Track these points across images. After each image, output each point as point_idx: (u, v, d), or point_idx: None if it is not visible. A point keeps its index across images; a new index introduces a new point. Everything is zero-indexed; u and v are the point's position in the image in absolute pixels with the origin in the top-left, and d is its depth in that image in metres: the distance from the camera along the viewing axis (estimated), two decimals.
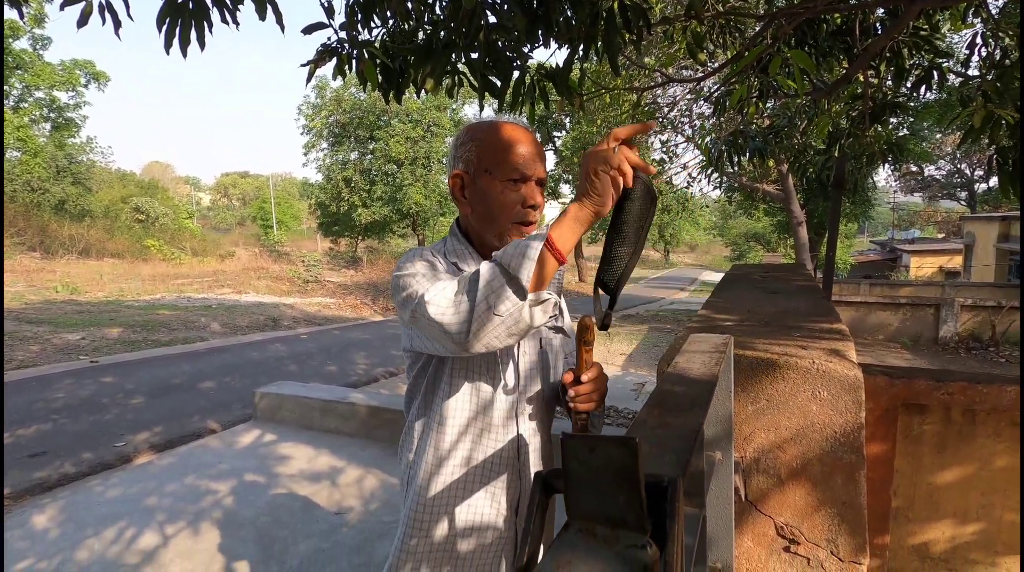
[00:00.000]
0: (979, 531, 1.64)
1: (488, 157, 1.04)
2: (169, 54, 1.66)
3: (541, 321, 0.81)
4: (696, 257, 54.80)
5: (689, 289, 24.15)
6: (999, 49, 2.71)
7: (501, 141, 1.04)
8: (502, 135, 1.05)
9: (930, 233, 39.25)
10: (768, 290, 1.80)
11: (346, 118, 20.35)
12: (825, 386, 0.81)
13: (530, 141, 1.06)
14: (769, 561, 0.86)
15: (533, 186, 1.06)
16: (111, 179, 29.91)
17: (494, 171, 1.04)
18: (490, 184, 1.04)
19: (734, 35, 2.86)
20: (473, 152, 1.05)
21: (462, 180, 1.07)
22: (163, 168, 60.83)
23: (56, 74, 21.25)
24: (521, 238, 0.89)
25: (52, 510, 3.04)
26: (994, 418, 1.58)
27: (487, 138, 1.05)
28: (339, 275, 20.35)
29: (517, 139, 1.04)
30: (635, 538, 0.29)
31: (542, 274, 0.79)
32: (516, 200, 1.04)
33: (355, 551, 2.65)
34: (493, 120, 1.08)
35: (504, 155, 1.03)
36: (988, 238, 16.57)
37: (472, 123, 1.09)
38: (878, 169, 5.14)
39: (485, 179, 1.04)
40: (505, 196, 1.03)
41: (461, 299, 0.82)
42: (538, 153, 1.06)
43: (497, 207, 1.04)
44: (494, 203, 1.04)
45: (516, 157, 1.03)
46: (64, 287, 13.37)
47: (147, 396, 5.42)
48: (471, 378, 1.05)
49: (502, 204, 1.04)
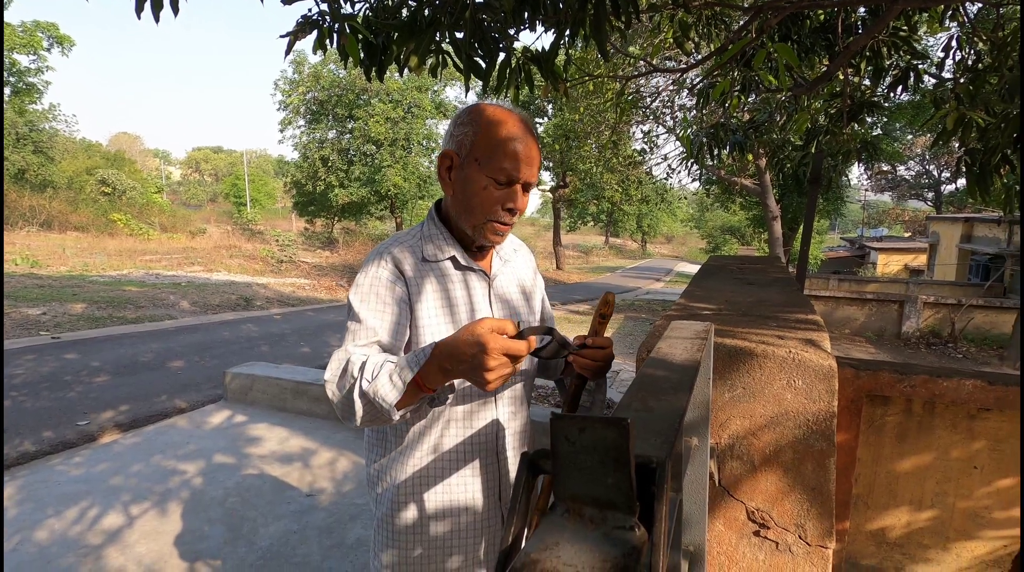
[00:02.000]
0: (933, 518, 1.72)
1: (482, 148, 1.01)
2: (140, 19, 1.59)
3: (399, 417, 0.90)
4: (672, 248, 55.48)
5: (664, 279, 24.46)
6: (973, 53, 2.78)
7: (499, 136, 1.01)
8: (502, 130, 1.01)
9: (898, 231, 40.44)
10: (745, 281, 1.83)
11: (324, 95, 19.87)
12: (800, 375, 0.83)
13: (528, 144, 1.03)
14: (740, 545, 0.88)
15: (518, 189, 1.03)
16: (75, 149, 28.74)
17: (483, 164, 1.01)
18: (476, 175, 1.01)
19: (719, 27, 2.87)
20: (469, 137, 1.02)
21: (451, 161, 1.04)
22: (131, 140, 58.58)
23: (16, 36, 20.22)
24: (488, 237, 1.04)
25: (10, 488, 2.95)
26: (952, 411, 1.65)
27: (487, 128, 1.02)
28: (314, 256, 20.02)
29: (515, 138, 1.01)
30: (623, 519, 0.29)
31: (406, 400, 0.87)
32: (497, 199, 1.02)
33: (326, 532, 2.64)
34: (500, 109, 1.04)
35: (497, 152, 1.00)
36: (952, 238, 17.15)
37: (478, 106, 1.05)
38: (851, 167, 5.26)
39: (473, 168, 1.02)
40: (487, 192, 1.01)
41: (345, 404, 0.91)
42: (533, 156, 1.04)
43: (476, 200, 1.02)
44: (474, 196, 1.02)
45: (507, 158, 1.00)
46: (24, 260, 12.86)
47: (112, 374, 5.27)
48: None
49: (482, 199, 1.02)
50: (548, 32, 2.03)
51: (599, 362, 1.02)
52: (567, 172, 20.69)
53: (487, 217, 1.03)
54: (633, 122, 11.05)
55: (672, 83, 7.78)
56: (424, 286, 1.05)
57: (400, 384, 0.85)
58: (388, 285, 1.03)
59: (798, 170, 4.15)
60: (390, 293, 1.02)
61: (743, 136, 3.69)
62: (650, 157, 11.61)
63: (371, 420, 0.90)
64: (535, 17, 1.90)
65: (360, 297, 1.02)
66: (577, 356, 1.01)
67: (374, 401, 0.86)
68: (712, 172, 12.37)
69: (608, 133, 11.24)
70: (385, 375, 0.86)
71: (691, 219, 46.60)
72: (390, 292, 1.02)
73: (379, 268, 1.04)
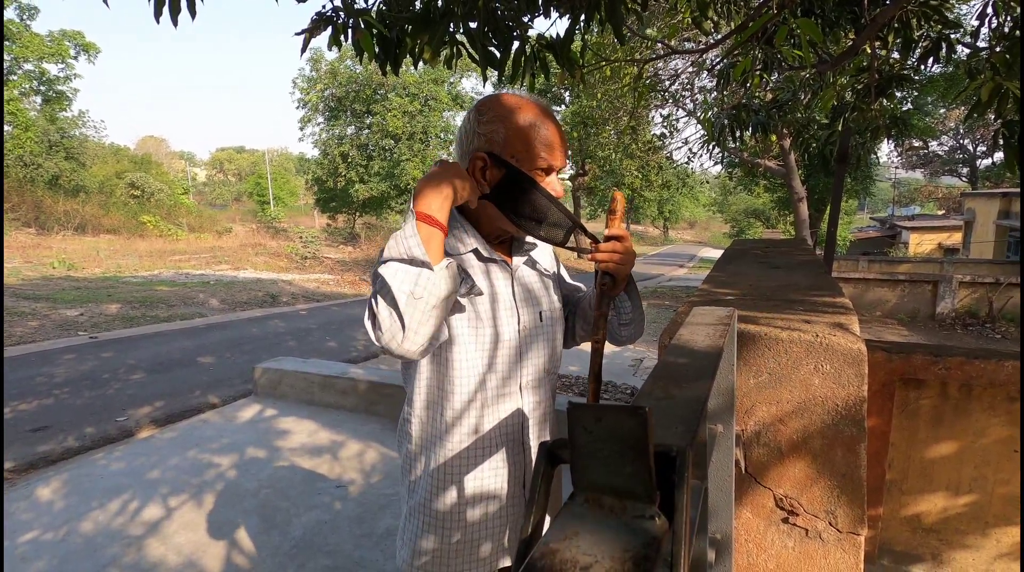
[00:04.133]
0: (971, 503, 1.67)
1: (517, 142, 1.00)
2: (159, 22, 1.61)
3: (448, 286, 0.89)
4: (695, 234, 54.67)
5: (688, 266, 24.14)
6: (1009, 19, 2.65)
7: (531, 127, 1.01)
8: (532, 120, 1.01)
9: (930, 210, 39.11)
10: (770, 265, 1.79)
11: (342, 91, 20.02)
12: (828, 359, 0.81)
13: (557, 127, 1.03)
14: (768, 532, 0.87)
15: (555, 177, 1.04)
16: (105, 154, 29.53)
17: (522, 159, 1.00)
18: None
19: (739, 4, 2.79)
20: (500, 134, 1.00)
21: (484, 161, 1.01)
22: (157, 143, 59.97)
23: (45, 45, 20.80)
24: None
25: (56, 483, 3.08)
26: (990, 393, 1.60)
27: (517, 121, 1.01)
28: (337, 251, 20.28)
29: (546, 125, 1.01)
30: (643, 509, 0.29)
31: (431, 245, 0.88)
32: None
33: (357, 522, 2.70)
34: (521, 98, 1.03)
35: (533, 143, 1.00)
36: (988, 215, 16.52)
37: (498, 99, 1.04)
38: (880, 144, 5.09)
39: (511, 165, 1.01)
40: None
41: (385, 313, 0.88)
42: (563, 140, 1.04)
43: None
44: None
45: (544, 147, 1.01)
46: (61, 263, 13.32)
47: (147, 371, 5.45)
48: (471, 350, 1.04)
49: None
50: (562, 18, 2.00)
51: (620, 254, 1.04)
52: (586, 160, 20.50)
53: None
54: (652, 106, 10.88)
55: (691, 65, 7.62)
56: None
57: (410, 231, 0.87)
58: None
59: (824, 149, 4.03)
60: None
61: (766, 116, 3.60)
62: (670, 141, 11.42)
63: (417, 307, 0.87)
64: (549, 3, 1.88)
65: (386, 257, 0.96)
66: (596, 253, 1.05)
67: (410, 268, 0.87)
68: (735, 154, 12.12)
69: (626, 119, 11.08)
70: (393, 241, 0.90)
71: (714, 203, 45.77)
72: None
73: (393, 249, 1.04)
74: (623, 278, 1.08)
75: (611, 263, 1.04)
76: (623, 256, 1.05)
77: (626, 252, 1.05)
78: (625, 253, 1.05)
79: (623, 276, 1.07)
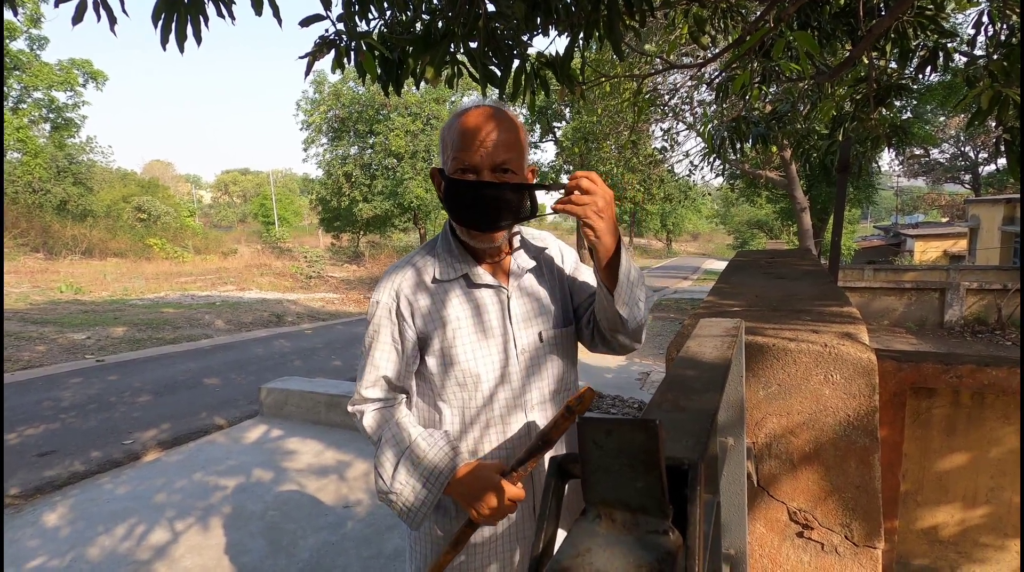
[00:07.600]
0: (988, 514, 1.63)
1: (443, 152, 0.99)
2: (166, 50, 1.65)
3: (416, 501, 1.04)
4: (699, 246, 54.61)
5: (692, 278, 24.07)
6: (1006, 27, 2.67)
7: (448, 129, 0.97)
8: (451, 122, 0.97)
9: (934, 217, 39.00)
10: (775, 275, 1.79)
11: (345, 112, 20.27)
12: (838, 369, 0.80)
13: (485, 127, 0.93)
14: (782, 546, 0.85)
15: (486, 176, 0.95)
16: (112, 179, 29.93)
17: (447, 165, 0.98)
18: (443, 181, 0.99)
19: (736, 19, 2.83)
20: (439, 147, 1.01)
21: (436, 178, 1.02)
22: (164, 166, 60.80)
23: (54, 74, 21.21)
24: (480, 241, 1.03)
25: (63, 508, 3.06)
26: (1003, 401, 1.57)
27: (444, 131, 0.99)
28: (342, 270, 20.36)
29: (468, 125, 0.93)
30: (656, 524, 0.29)
31: (422, 506, 1.03)
32: None
33: (364, 543, 2.66)
34: (467, 108, 0.99)
35: (447, 146, 0.97)
36: (993, 221, 16.46)
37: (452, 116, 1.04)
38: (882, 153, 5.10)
39: (442, 176, 1.00)
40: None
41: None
42: (492, 138, 0.93)
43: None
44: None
45: (454, 146, 0.95)
46: (68, 287, 13.42)
47: (154, 394, 5.44)
48: (467, 374, 1.03)
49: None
50: (562, 36, 2.03)
51: (585, 197, 0.87)
52: None
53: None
54: (652, 120, 10.95)
55: (690, 79, 7.69)
56: (433, 312, 1.03)
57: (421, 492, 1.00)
58: (391, 323, 1.04)
59: (825, 159, 4.04)
60: (395, 330, 1.05)
61: (766, 128, 3.62)
62: (671, 155, 11.48)
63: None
64: (548, 22, 1.90)
65: (370, 334, 1.07)
66: (556, 204, 0.91)
67: (389, 495, 1.03)
68: (736, 166, 12.16)
69: (627, 133, 11.16)
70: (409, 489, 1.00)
71: (716, 215, 45.82)
72: (395, 328, 1.04)
73: (387, 297, 1.05)
74: (603, 230, 0.89)
75: (575, 206, 0.88)
76: (590, 197, 0.87)
77: (589, 191, 0.87)
78: (589, 192, 0.87)
79: (601, 226, 0.89)
